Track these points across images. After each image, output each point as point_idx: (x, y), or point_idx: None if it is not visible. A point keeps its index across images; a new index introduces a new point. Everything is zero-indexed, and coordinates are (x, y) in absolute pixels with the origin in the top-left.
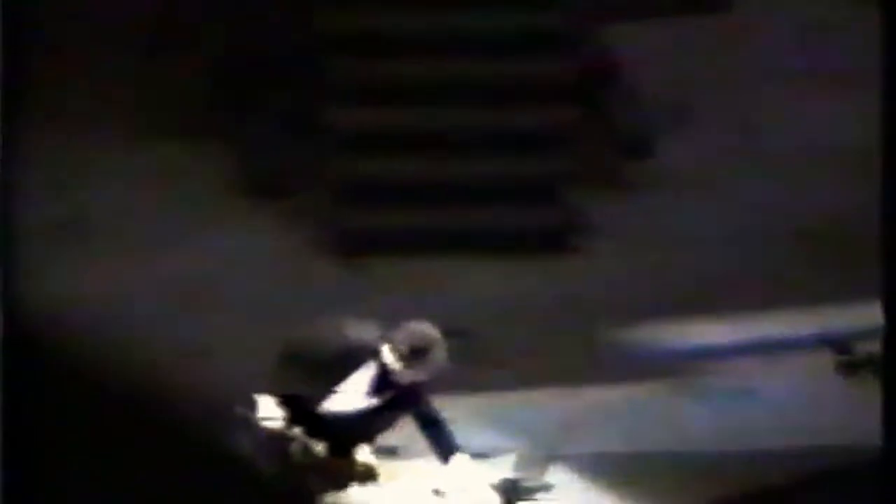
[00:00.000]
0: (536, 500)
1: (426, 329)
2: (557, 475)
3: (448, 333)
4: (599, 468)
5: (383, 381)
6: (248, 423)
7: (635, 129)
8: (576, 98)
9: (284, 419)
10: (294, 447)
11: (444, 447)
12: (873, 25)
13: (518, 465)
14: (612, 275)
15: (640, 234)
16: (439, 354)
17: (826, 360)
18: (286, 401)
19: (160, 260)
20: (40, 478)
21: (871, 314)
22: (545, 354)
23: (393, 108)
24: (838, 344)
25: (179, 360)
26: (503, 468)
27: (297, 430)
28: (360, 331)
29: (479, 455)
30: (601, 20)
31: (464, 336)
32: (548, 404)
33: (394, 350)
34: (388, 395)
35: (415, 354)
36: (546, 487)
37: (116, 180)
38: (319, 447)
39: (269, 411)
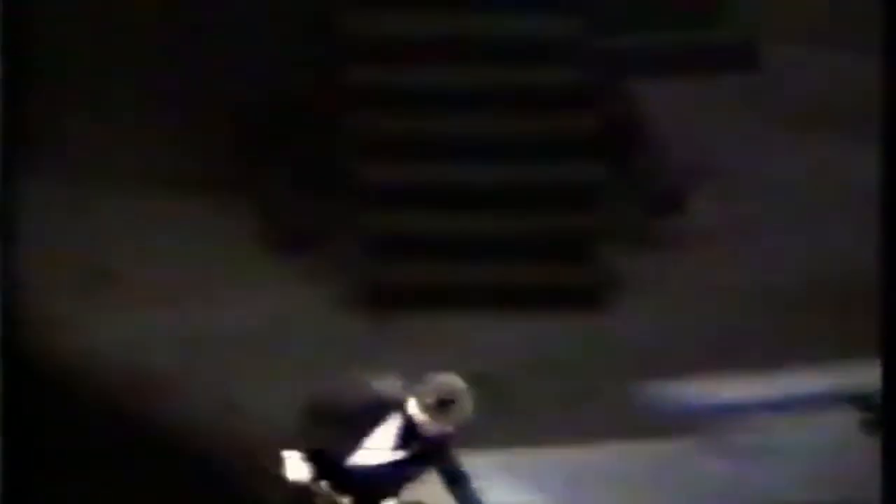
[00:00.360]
0: None
1: (452, 380)
2: None
3: (472, 381)
4: None
5: (409, 434)
6: (275, 478)
7: (664, 186)
8: (604, 154)
9: (311, 474)
10: (320, 502)
11: (467, 502)
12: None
13: None
14: (639, 331)
15: (667, 291)
16: (465, 405)
17: (851, 416)
18: (312, 455)
19: (183, 314)
20: None
21: None
22: (571, 410)
23: (420, 162)
24: (863, 401)
25: (203, 415)
26: None
27: (323, 485)
28: (385, 384)
29: None
30: (630, 76)
31: (486, 383)
32: (574, 459)
33: (420, 402)
34: (415, 447)
35: (441, 406)
36: None
37: (139, 234)
38: (345, 501)
39: (296, 466)
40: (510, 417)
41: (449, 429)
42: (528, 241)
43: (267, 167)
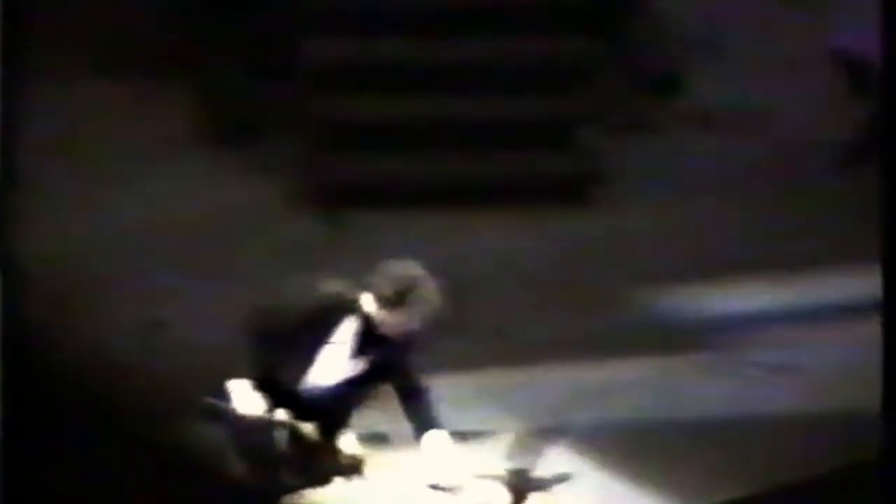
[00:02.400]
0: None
1: (408, 267)
2: (563, 456)
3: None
4: (605, 445)
5: (368, 339)
6: (222, 413)
7: (661, 66)
8: (595, 30)
9: (264, 404)
10: (280, 434)
11: (421, 422)
12: None
13: (514, 447)
14: (632, 229)
15: (665, 182)
16: (428, 296)
17: (862, 328)
18: (263, 383)
19: (116, 211)
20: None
21: None
22: (553, 322)
23: (381, 39)
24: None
25: (136, 328)
26: (498, 449)
27: (281, 414)
28: (334, 286)
29: (472, 434)
30: None
31: (453, 291)
32: (554, 379)
33: (376, 296)
34: (375, 355)
35: (399, 297)
36: (563, 478)
37: (69, 122)
38: (308, 428)
39: (246, 397)
40: (480, 331)
41: (412, 326)
42: (504, 126)
43: (208, 48)
